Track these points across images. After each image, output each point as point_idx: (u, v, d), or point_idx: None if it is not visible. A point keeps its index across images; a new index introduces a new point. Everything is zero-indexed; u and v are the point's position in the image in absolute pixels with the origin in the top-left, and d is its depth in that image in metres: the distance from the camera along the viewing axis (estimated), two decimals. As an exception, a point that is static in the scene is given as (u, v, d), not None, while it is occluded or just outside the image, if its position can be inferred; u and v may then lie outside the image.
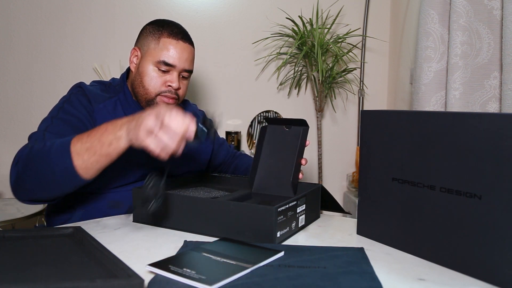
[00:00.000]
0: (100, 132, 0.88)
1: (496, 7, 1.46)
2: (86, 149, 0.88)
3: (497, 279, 0.66)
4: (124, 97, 1.19)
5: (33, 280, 0.61)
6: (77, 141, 0.89)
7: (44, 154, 0.90)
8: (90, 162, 0.88)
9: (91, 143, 0.88)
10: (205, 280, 0.64)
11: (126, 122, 0.87)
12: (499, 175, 0.65)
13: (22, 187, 0.94)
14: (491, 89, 1.50)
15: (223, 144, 1.46)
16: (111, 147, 0.87)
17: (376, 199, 0.87)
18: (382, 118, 0.85)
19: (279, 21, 2.22)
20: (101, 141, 0.87)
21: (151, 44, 1.15)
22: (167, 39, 1.14)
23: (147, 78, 1.14)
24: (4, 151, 2.15)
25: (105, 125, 0.89)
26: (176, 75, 1.15)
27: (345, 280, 0.67)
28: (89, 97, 1.12)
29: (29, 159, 0.92)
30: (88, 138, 0.89)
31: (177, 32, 1.16)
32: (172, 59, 1.14)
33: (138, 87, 1.16)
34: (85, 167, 0.89)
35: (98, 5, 2.18)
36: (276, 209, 0.84)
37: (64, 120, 1.05)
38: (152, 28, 1.17)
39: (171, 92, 1.16)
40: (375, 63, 2.38)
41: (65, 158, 0.88)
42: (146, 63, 1.15)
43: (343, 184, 2.42)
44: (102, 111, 1.13)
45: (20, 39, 2.15)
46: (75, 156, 0.88)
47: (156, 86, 1.14)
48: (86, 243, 0.76)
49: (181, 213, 0.94)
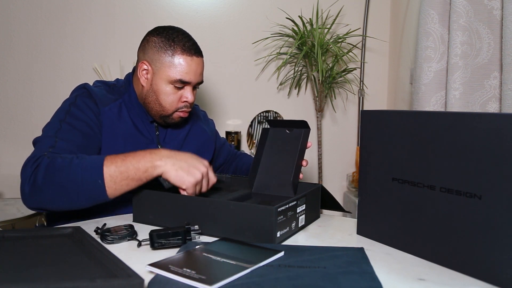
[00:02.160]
0: (137, 159, 0.94)
1: (496, 7, 1.46)
2: (120, 172, 0.93)
3: (497, 279, 0.66)
4: (129, 99, 1.19)
5: (33, 280, 0.61)
6: (111, 164, 0.93)
7: (72, 170, 0.91)
8: (121, 185, 0.94)
9: (126, 167, 0.93)
10: (205, 280, 0.64)
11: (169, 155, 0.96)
12: (499, 175, 0.65)
13: (39, 197, 0.93)
14: (491, 89, 1.50)
15: (224, 144, 1.46)
16: (146, 174, 0.94)
17: (376, 199, 0.87)
18: (382, 118, 0.85)
19: (279, 21, 2.22)
20: (136, 167, 0.93)
21: (165, 61, 1.12)
22: (181, 56, 1.12)
23: (164, 96, 1.14)
24: (4, 151, 2.16)
25: (142, 153, 0.96)
26: (191, 90, 1.16)
27: (345, 280, 0.67)
28: (95, 99, 1.12)
29: (51, 171, 0.92)
30: (123, 162, 0.93)
31: (190, 46, 1.13)
32: (189, 77, 1.13)
33: (153, 103, 1.15)
34: (115, 188, 0.93)
35: (98, 5, 2.17)
36: (276, 209, 0.84)
37: (73, 126, 1.05)
38: (161, 42, 1.13)
39: (187, 106, 1.17)
40: (375, 63, 2.38)
41: (97, 178, 0.92)
42: (161, 81, 1.13)
43: (343, 184, 2.42)
44: (107, 114, 1.12)
45: (20, 39, 2.15)
46: (108, 177, 0.92)
47: (173, 104, 1.15)
48: (86, 243, 0.76)
49: (181, 213, 0.94)
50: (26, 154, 1.00)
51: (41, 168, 0.92)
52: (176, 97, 1.15)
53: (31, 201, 0.95)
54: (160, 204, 0.96)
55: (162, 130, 1.24)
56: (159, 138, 1.22)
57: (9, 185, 2.11)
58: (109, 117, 1.12)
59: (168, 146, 1.23)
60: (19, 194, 0.95)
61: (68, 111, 1.08)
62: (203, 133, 1.34)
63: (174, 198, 0.95)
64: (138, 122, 1.18)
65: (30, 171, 0.93)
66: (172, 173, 0.94)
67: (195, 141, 1.30)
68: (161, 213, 0.97)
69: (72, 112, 1.08)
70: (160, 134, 1.23)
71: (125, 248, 0.83)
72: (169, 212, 0.95)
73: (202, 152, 1.32)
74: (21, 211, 1.75)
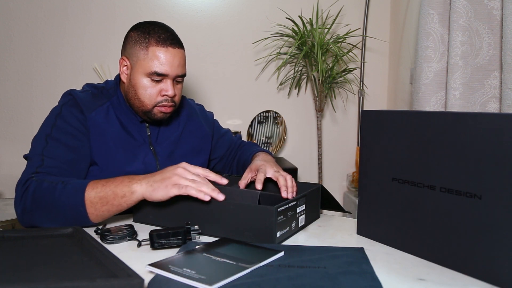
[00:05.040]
0: (115, 184, 0.93)
1: (496, 7, 1.46)
2: (99, 198, 0.93)
3: (497, 279, 0.66)
4: (117, 101, 1.17)
5: (33, 280, 0.61)
6: (92, 190, 0.93)
7: (56, 195, 0.93)
8: (102, 211, 0.94)
9: (105, 193, 0.93)
10: (205, 280, 0.64)
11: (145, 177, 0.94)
12: (499, 175, 0.65)
13: (30, 219, 0.96)
14: (491, 89, 1.50)
15: (226, 135, 1.42)
16: (123, 199, 0.93)
17: (376, 199, 0.87)
18: (382, 118, 0.85)
19: (279, 21, 2.22)
20: (114, 192, 0.93)
21: (140, 54, 1.10)
22: (155, 48, 1.09)
23: (141, 90, 1.11)
24: (4, 151, 2.16)
25: (121, 178, 0.95)
26: (170, 83, 1.12)
27: (345, 280, 0.67)
28: (81, 106, 1.10)
29: (38, 196, 0.94)
30: (103, 188, 0.93)
31: (165, 38, 1.10)
32: (164, 69, 1.10)
33: (133, 99, 1.13)
34: (96, 214, 0.94)
35: (98, 5, 2.17)
36: (276, 209, 0.84)
37: (59, 141, 1.05)
38: (138, 36, 1.11)
39: (168, 100, 1.13)
40: (375, 63, 2.38)
41: (79, 205, 0.92)
42: (138, 75, 1.11)
43: (343, 184, 2.42)
44: (94, 119, 1.11)
45: (20, 39, 2.15)
46: (88, 203, 0.93)
47: (152, 97, 1.12)
48: (86, 243, 0.76)
49: (181, 213, 0.94)
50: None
51: (29, 193, 0.95)
52: (154, 91, 1.12)
53: (23, 222, 0.98)
54: (160, 204, 0.96)
55: (153, 130, 1.21)
56: (151, 139, 1.20)
57: (9, 185, 2.11)
58: (96, 123, 1.11)
59: (161, 146, 1.21)
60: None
61: (54, 124, 1.07)
62: (201, 129, 1.31)
63: (174, 198, 0.95)
64: (128, 123, 1.17)
65: (20, 194, 0.96)
66: (149, 190, 0.91)
67: (191, 139, 1.28)
68: (161, 213, 0.96)
69: (58, 125, 1.07)
70: (152, 135, 1.20)
71: (125, 248, 0.83)
72: (169, 212, 0.95)
73: (199, 150, 1.30)
74: (21, 211, 1.75)
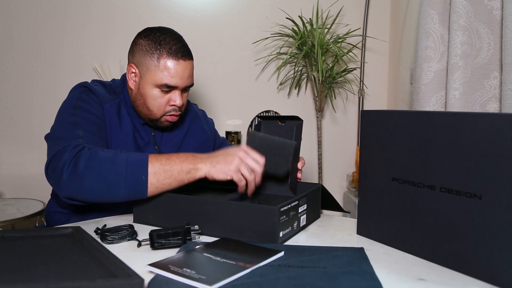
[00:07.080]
0: (180, 159, 0.95)
1: (496, 7, 1.46)
2: (164, 170, 0.93)
3: (497, 279, 0.66)
4: (124, 100, 1.19)
5: (33, 280, 0.61)
6: (156, 161, 0.93)
7: (117, 162, 0.91)
8: (163, 183, 0.93)
9: (171, 166, 0.93)
10: (205, 280, 0.64)
11: (208, 156, 0.97)
12: (499, 175, 0.65)
13: (78, 185, 0.91)
14: (491, 89, 1.50)
15: (223, 144, 1.46)
16: (187, 175, 0.94)
17: (376, 199, 0.87)
18: (382, 118, 0.85)
19: (279, 21, 2.22)
20: (181, 167, 0.94)
21: (150, 65, 1.10)
22: (166, 60, 1.09)
23: (151, 100, 1.12)
24: (4, 151, 2.15)
25: (184, 154, 0.96)
26: (179, 93, 1.13)
27: (345, 280, 0.67)
28: (97, 95, 1.12)
29: (95, 161, 0.91)
30: (168, 161, 0.94)
31: (176, 49, 1.09)
32: (175, 81, 1.10)
33: (141, 107, 1.14)
34: (156, 186, 0.93)
35: (98, 5, 2.18)
36: (279, 209, 0.84)
37: (88, 119, 1.05)
38: (148, 46, 1.10)
39: (175, 110, 1.15)
40: (375, 63, 2.38)
41: (141, 173, 0.92)
42: (147, 85, 1.11)
43: (343, 184, 2.42)
44: (109, 111, 1.13)
45: (20, 39, 2.15)
46: (152, 174, 0.92)
47: (160, 107, 1.13)
48: (86, 243, 0.76)
49: (181, 213, 0.94)
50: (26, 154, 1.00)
51: (83, 157, 0.91)
52: (163, 101, 1.13)
53: (68, 188, 0.92)
54: (160, 204, 0.96)
55: (158, 131, 1.23)
56: (155, 139, 1.22)
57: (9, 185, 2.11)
58: (111, 114, 1.13)
59: (165, 147, 1.22)
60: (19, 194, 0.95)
61: (77, 106, 1.07)
62: (203, 133, 1.33)
63: (174, 198, 0.95)
64: (135, 122, 1.19)
65: (69, 157, 0.92)
66: (212, 170, 0.94)
67: (194, 141, 1.30)
68: (161, 213, 0.96)
69: (81, 106, 1.07)
70: (156, 135, 1.22)
71: (125, 248, 0.83)
72: (169, 212, 0.95)
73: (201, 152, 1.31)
74: (21, 211, 1.75)
